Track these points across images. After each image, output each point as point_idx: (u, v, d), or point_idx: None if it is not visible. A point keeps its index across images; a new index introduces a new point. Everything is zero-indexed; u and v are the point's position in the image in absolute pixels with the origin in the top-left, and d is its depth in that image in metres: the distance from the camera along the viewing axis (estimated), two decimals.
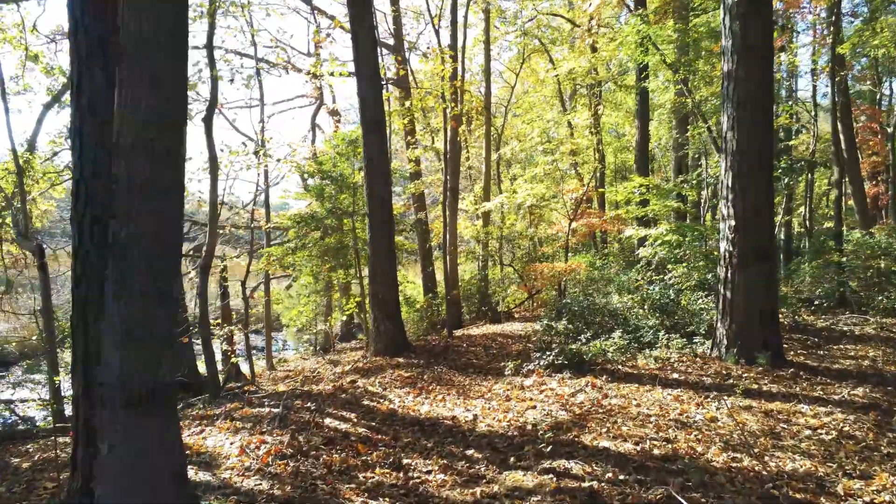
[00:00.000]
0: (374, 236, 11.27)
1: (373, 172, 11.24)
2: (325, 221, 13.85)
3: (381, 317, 11.26)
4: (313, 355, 17.15)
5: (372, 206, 11.27)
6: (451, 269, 16.80)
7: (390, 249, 11.43)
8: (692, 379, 7.84)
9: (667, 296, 10.27)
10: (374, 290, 11.35)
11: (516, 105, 24.18)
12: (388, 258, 11.39)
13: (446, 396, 8.19)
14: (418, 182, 17.85)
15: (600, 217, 19.16)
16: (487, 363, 10.39)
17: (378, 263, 11.31)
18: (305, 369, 13.07)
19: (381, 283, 11.29)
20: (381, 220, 11.26)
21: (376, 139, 11.24)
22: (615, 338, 9.36)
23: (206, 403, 9.03)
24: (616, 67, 23.19)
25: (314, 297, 16.21)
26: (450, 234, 16.84)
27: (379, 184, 11.26)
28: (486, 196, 19.64)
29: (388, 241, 11.38)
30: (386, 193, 11.39)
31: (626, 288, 11.38)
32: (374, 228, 11.27)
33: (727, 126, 8.47)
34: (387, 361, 10.71)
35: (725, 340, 8.47)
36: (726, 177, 8.47)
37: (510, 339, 12.81)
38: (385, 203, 11.34)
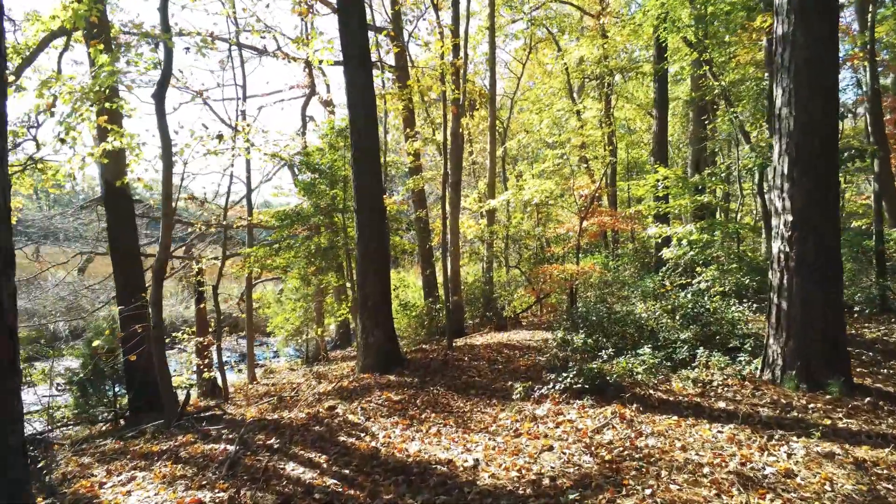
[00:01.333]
0: (363, 234, 9.75)
1: (360, 162, 9.72)
2: (313, 219, 12.32)
3: (370, 326, 9.73)
4: (303, 365, 15.63)
5: (360, 200, 9.75)
6: (453, 272, 15.25)
7: (381, 249, 9.90)
8: (744, 410, 6.26)
9: (701, 304, 8.69)
10: (362, 296, 9.81)
11: (522, 98, 22.63)
12: (379, 259, 9.85)
13: (442, 428, 6.65)
14: (418, 178, 16.30)
15: (612, 215, 17.58)
16: (492, 381, 8.84)
17: (367, 265, 9.78)
18: (287, 384, 11.56)
19: (371, 288, 9.76)
20: (371, 217, 9.73)
21: (365, 124, 9.73)
22: (643, 354, 7.78)
23: (156, 433, 7.50)
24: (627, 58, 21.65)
25: (302, 303, 14.68)
26: (451, 233, 15.29)
27: (368, 175, 9.74)
28: (490, 193, 18.07)
29: (379, 241, 9.85)
30: (375, 186, 9.85)
31: (651, 294, 9.80)
32: (363, 225, 9.74)
33: (782, 101, 6.91)
34: (375, 380, 9.17)
35: (780, 360, 6.90)
36: (781, 162, 6.90)
37: (518, 351, 11.25)
38: (374, 197, 9.81)
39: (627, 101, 20.91)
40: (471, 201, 18.70)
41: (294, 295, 14.93)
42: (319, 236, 12.62)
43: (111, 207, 9.88)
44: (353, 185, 9.80)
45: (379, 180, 9.99)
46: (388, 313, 9.98)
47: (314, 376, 12.01)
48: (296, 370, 14.59)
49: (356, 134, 9.71)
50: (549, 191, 16.60)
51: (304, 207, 12.61)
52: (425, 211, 17.79)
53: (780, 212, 6.92)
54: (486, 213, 18.10)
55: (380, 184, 9.99)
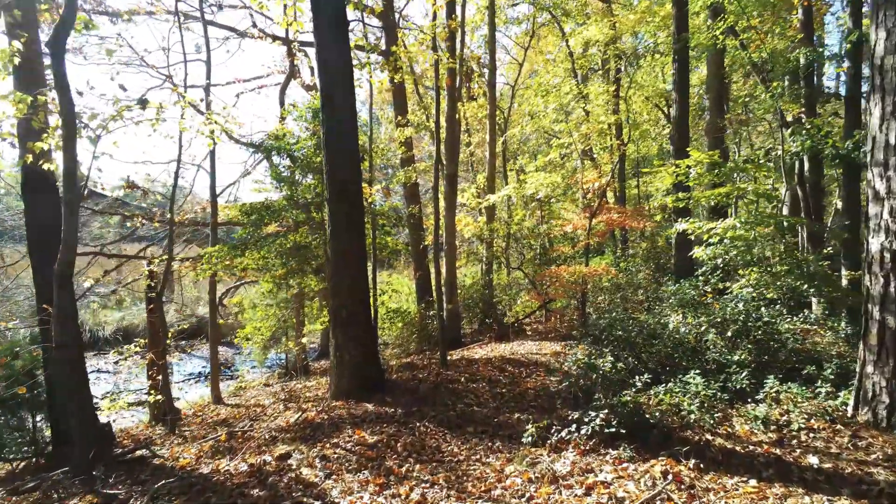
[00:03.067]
0: (336, 230, 7.87)
1: (333, 141, 7.84)
2: (286, 214, 10.44)
3: (344, 342, 7.84)
4: (280, 378, 13.72)
5: (332, 187, 7.87)
6: (449, 274, 13.38)
7: (358, 248, 8.02)
8: (850, 470, 4.40)
9: (757, 316, 6.80)
10: (335, 305, 7.92)
11: (524, 87, 20.75)
12: (356, 261, 7.97)
13: (428, 491, 4.76)
14: (410, 169, 14.41)
15: (621, 212, 15.68)
16: (495, 413, 6.97)
17: (341, 267, 7.90)
18: (252, 408, 9.67)
19: (346, 296, 7.87)
20: (346, 208, 7.86)
21: (340, 99, 7.86)
22: (692, 383, 5.89)
23: (57, 485, 5.61)
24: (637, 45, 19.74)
25: (275, 310, 12.77)
26: (447, 231, 13.42)
27: (342, 157, 7.86)
28: (490, 187, 16.19)
29: (356, 237, 7.97)
30: (352, 171, 7.96)
31: (687, 303, 7.87)
32: (336, 219, 7.87)
33: (885, 47, 5.05)
34: (349, 410, 7.28)
35: (886, 397, 5.03)
36: (885, 129, 5.04)
37: (524, 369, 9.37)
38: (350, 184, 7.92)
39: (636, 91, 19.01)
40: (468, 196, 16.81)
41: (267, 300, 13.02)
42: (295, 234, 10.73)
43: (30, 197, 7.96)
44: (325, 169, 7.91)
45: (356, 164, 8.09)
46: (366, 326, 8.09)
47: (284, 397, 10.11)
48: (270, 385, 12.68)
49: (329, 107, 7.84)
50: (555, 184, 14.75)
51: (275, 200, 10.72)
52: (419, 207, 15.90)
53: (884, 195, 5.05)
54: (485, 209, 16.24)
55: (357, 168, 8.10)
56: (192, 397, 13.07)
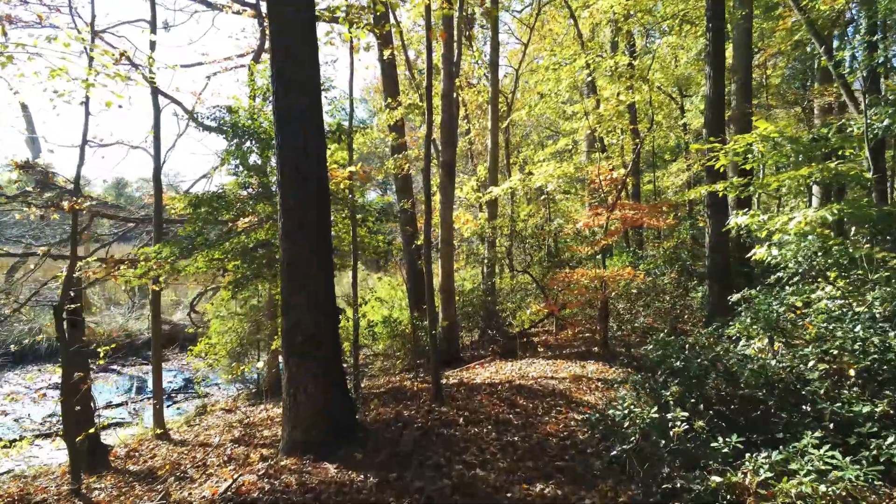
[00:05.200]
0: (290, 228, 5.70)
1: (288, 103, 5.66)
2: (240, 205, 8.26)
3: (299, 374, 5.64)
4: (249, 400, 11.53)
5: (286, 172, 5.69)
6: (445, 279, 11.20)
7: (321, 252, 5.83)
8: None
9: (887, 345, 4.59)
10: (288, 326, 5.73)
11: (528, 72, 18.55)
12: (317, 267, 5.79)
13: None
14: (400, 157, 12.20)
15: (637, 209, 13.48)
16: (507, 480, 4.82)
17: (297, 277, 5.71)
18: (195, 449, 7.51)
19: (303, 313, 5.67)
20: (302, 200, 5.68)
21: (297, 47, 5.68)
22: (815, 454, 3.68)
23: None
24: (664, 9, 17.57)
25: (234, 322, 10.54)
26: (443, 228, 11.24)
27: (299, 123, 5.67)
28: (492, 179, 14.00)
29: (317, 238, 5.78)
30: (312, 142, 5.76)
31: (772, 322, 5.63)
32: (291, 214, 5.69)
33: None
34: (301, 475, 5.09)
35: None
36: None
37: (540, 401, 7.21)
38: (310, 161, 5.73)
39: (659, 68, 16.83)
40: (467, 190, 14.62)
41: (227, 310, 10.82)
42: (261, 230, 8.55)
43: None
44: (276, 141, 5.72)
45: (319, 135, 5.89)
46: (331, 353, 5.88)
47: (238, 433, 7.95)
48: (234, 411, 10.50)
49: (280, 56, 5.66)
50: (568, 175, 12.54)
51: (228, 189, 8.53)
52: (412, 201, 13.71)
53: None
54: (486, 204, 14.05)
55: (319, 142, 5.89)
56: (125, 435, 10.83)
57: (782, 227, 6.55)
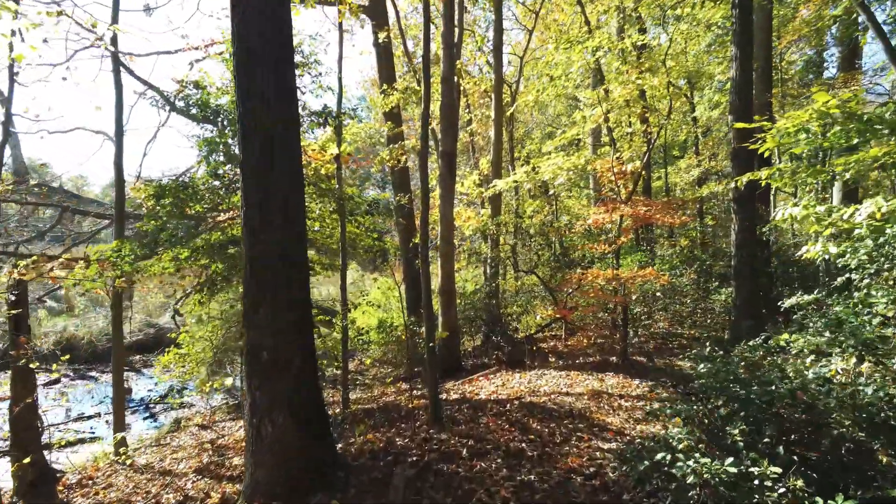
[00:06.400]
0: (254, 222, 4.56)
1: (251, 59, 4.52)
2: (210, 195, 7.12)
3: (265, 401, 4.50)
4: (229, 413, 10.38)
5: (248, 150, 4.55)
6: (445, 280, 10.06)
7: (292, 251, 4.67)
8: None
9: None
10: (251, 342, 4.58)
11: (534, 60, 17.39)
12: (287, 271, 4.62)
13: None
14: (396, 148, 11.04)
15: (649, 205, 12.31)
16: None
17: (263, 283, 4.56)
18: (152, 481, 6.38)
19: (269, 327, 4.52)
20: (269, 188, 4.54)
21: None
22: None
23: None
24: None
25: (205, 330, 9.35)
26: (442, 224, 10.11)
27: (263, 87, 4.53)
28: (495, 172, 12.84)
29: (286, 235, 4.62)
30: (278, 110, 4.60)
31: (856, 335, 4.45)
32: (253, 204, 4.55)
33: None
34: None
35: None
36: None
37: (557, 425, 6.07)
38: (279, 138, 4.58)
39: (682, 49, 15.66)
40: (469, 185, 13.46)
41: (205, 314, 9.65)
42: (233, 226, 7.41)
43: None
44: (237, 114, 4.58)
45: (291, 106, 4.74)
46: (305, 375, 4.72)
47: (205, 461, 6.81)
48: (209, 428, 9.35)
49: (240, 16, 4.51)
50: (578, 167, 11.40)
51: (196, 177, 7.38)
52: (409, 196, 12.56)
53: None
54: (489, 199, 12.90)
55: (290, 110, 4.73)
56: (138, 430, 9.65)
57: (850, 221, 5.41)
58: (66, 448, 9.96)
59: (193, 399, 12.74)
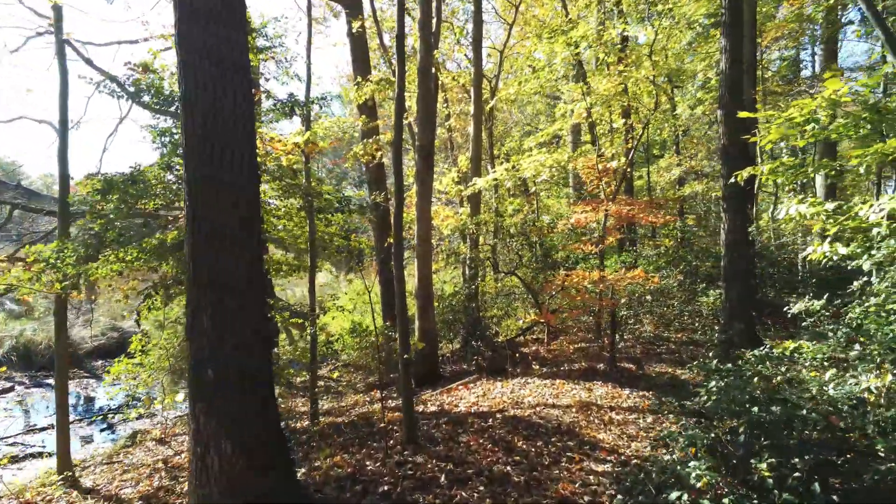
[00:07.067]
0: (198, 216, 3.89)
1: (190, 43, 3.87)
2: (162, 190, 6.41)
3: (210, 427, 3.84)
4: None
5: (190, 131, 3.89)
6: (422, 282, 9.43)
7: (242, 250, 4.00)
8: None
9: None
10: (194, 356, 3.90)
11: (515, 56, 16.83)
12: (237, 271, 3.96)
13: None
14: (370, 142, 10.38)
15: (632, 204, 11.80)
16: None
17: (205, 285, 3.89)
18: None
19: (218, 336, 3.85)
20: (215, 176, 3.88)
21: None
22: None
23: None
24: None
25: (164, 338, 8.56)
26: (419, 223, 9.49)
27: (206, 78, 3.87)
28: (475, 169, 12.26)
29: (236, 232, 3.95)
30: (227, 89, 3.94)
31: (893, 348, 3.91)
32: (197, 195, 3.89)
33: None
34: None
35: None
36: None
37: (545, 443, 5.49)
38: (218, 127, 3.91)
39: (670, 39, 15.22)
40: (447, 182, 12.87)
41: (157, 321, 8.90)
42: None
43: None
44: (180, 89, 3.92)
45: (245, 85, 4.07)
46: (260, 396, 4.06)
47: (154, 488, 6.10)
48: (167, 443, 8.61)
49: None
50: (560, 164, 10.88)
51: (147, 170, 6.65)
52: (384, 194, 11.90)
53: None
54: (468, 198, 12.31)
55: (243, 92, 4.06)
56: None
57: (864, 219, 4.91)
58: (13, 464, 9.18)
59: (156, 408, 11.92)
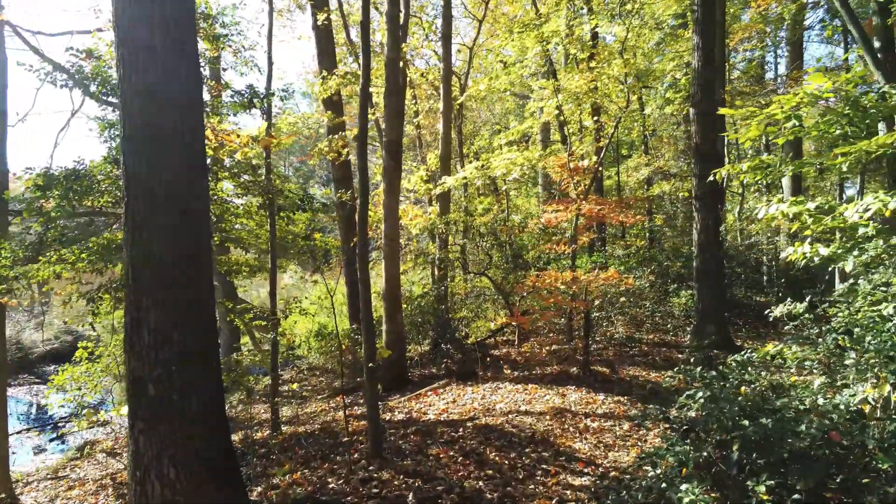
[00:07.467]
0: (138, 213, 3.46)
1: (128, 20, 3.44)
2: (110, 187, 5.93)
3: (151, 447, 3.41)
4: None
5: (127, 116, 3.46)
6: (390, 282, 9.06)
7: (188, 249, 3.59)
8: None
9: None
10: (134, 371, 3.48)
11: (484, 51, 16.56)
12: (181, 273, 3.55)
13: None
14: (336, 137, 9.96)
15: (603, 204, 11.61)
16: None
17: (146, 290, 3.47)
18: None
19: (160, 346, 3.43)
20: (156, 166, 3.47)
21: None
22: None
23: None
24: None
25: (106, 345, 8.03)
26: (387, 222, 9.12)
27: (147, 64, 3.45)
28: (444, 168, 11.94)
29: (179, 230, 3.55)
30: (172, 69, 3.53)
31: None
32: (137, 191, 3.46)
33: None
34: None
35: None
36: None
37: (519, 454, 5.19)
38: (161, 111, 3.50)
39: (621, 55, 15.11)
40: (416, 181, 12.51)
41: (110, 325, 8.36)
42: None
43: None
44: (118, 74, 3.50)
45: (191, 67, 3.66)
46: (208, 414, 3.64)
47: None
48: (118, 455, 8.06)
49: None
50: (532, 161, 10.63)
51: (93, 165, 6.14)
52: (351, 192, 11.48)
53: None
54: (437, 197, 11.97)
55: (192, 72, 3.66)
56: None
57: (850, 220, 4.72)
58: None
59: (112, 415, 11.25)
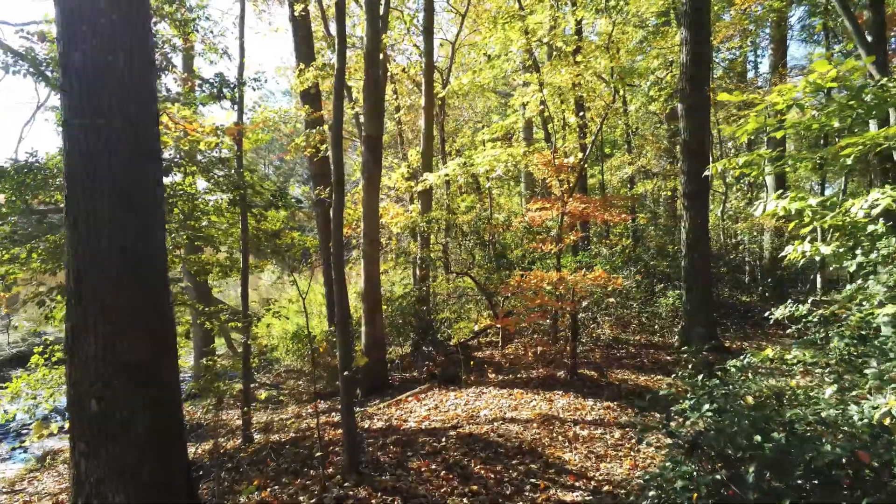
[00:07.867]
0: (77, 207, 3.06)
1: None
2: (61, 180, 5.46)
3: (96, 474, 3.02)
4: None
5: (69, 103, 3.06)
6: (369, 282, 8.68)
7: (135, 248, 3.20)
8: None
9: None
10: (76, 385, 3.08)
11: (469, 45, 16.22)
12: (128, 276, 3.15)
13: None
14: (314, 133, 9.56)
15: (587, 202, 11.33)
16: None
17: (89, 296, 3.07)
18: None
19: (107, 358, 3.04)
20: (91, 153, 3.06)
21: None
22: None
23: None
24: None
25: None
26: (366, 221, 8.75)
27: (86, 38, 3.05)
28: (426, 164, 11.57)
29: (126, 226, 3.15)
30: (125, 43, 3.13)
31: None
32: (76, 177, 3.06)
33: None
34: None
35: None
36: None
37: (506, 466, 4.86)
38: (107, 95, 3.11)
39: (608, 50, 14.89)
40: (397, 178, 12.13)
41: None
42: None
43: None
44: (58, 52, 3.10)
45: (143, 45, 3.27)
46: (161, 433, 3.25)
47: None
48: None
49: None
50: (516, 158, 10.30)
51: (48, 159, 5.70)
52: (329, 189, 11.06)
53: None
54: (418, 195, 11.60)
55: (142, 50, 3.27)
56: None
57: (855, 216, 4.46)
58: None
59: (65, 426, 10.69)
